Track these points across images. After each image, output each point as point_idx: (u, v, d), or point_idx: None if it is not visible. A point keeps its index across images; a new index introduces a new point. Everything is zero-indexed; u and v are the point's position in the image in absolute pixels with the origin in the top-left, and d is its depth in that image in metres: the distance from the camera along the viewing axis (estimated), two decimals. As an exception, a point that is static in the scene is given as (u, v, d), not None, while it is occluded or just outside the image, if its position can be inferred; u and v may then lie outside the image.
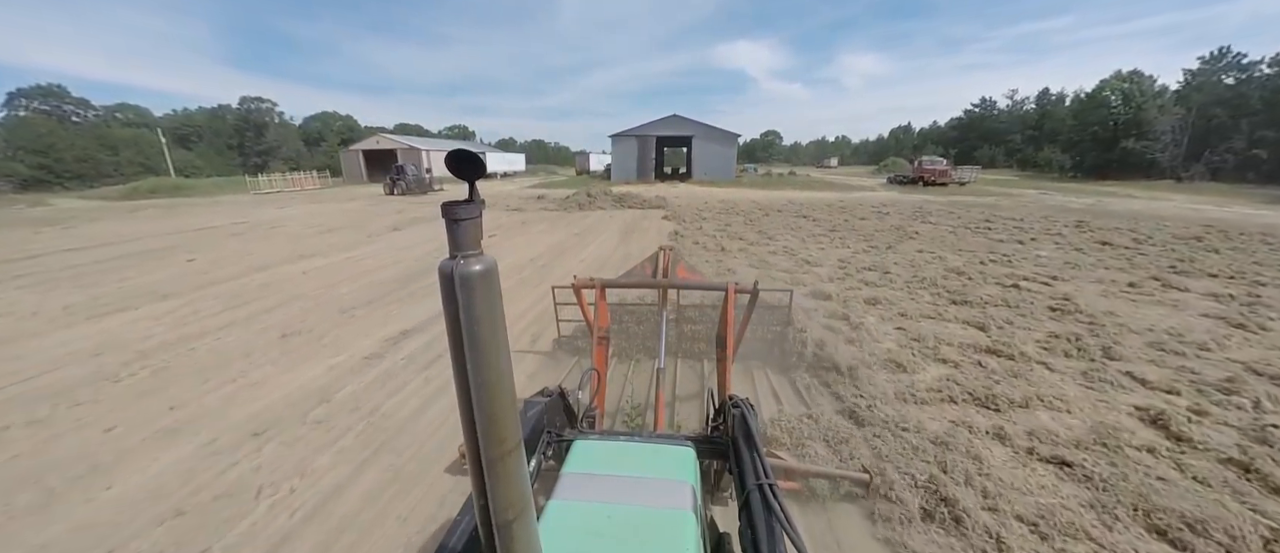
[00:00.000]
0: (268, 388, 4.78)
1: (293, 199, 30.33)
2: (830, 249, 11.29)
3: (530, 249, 11.81)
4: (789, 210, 19.04)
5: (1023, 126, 65.78)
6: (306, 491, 3.31)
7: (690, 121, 40.86)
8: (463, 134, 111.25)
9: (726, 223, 15.74)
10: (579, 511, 1.29)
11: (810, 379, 4.71)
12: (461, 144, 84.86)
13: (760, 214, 17.95)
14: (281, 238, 14.25)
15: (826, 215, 17.53)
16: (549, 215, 18.50)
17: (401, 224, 16.90)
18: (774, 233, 13.61)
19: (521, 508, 0.76)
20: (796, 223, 15.69)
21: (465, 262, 0.65)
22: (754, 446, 1.46)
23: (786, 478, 3.04)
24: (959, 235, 13.22)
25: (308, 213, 21.16)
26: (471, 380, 0.67)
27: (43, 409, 4.41)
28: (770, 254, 10.79)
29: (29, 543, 2.89)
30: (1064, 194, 29.15)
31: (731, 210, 19.35)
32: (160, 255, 11.79)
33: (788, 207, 20.83)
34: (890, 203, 22.97)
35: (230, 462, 3.63)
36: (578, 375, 3.26)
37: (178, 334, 6.29)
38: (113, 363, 5.41)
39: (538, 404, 1.76)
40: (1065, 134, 51.55)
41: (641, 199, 21.68)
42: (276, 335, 6.19)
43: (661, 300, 3.89)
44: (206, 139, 67.42)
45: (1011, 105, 69.26)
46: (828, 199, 25.36)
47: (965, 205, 21.70)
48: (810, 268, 9.27)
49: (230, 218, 19.56)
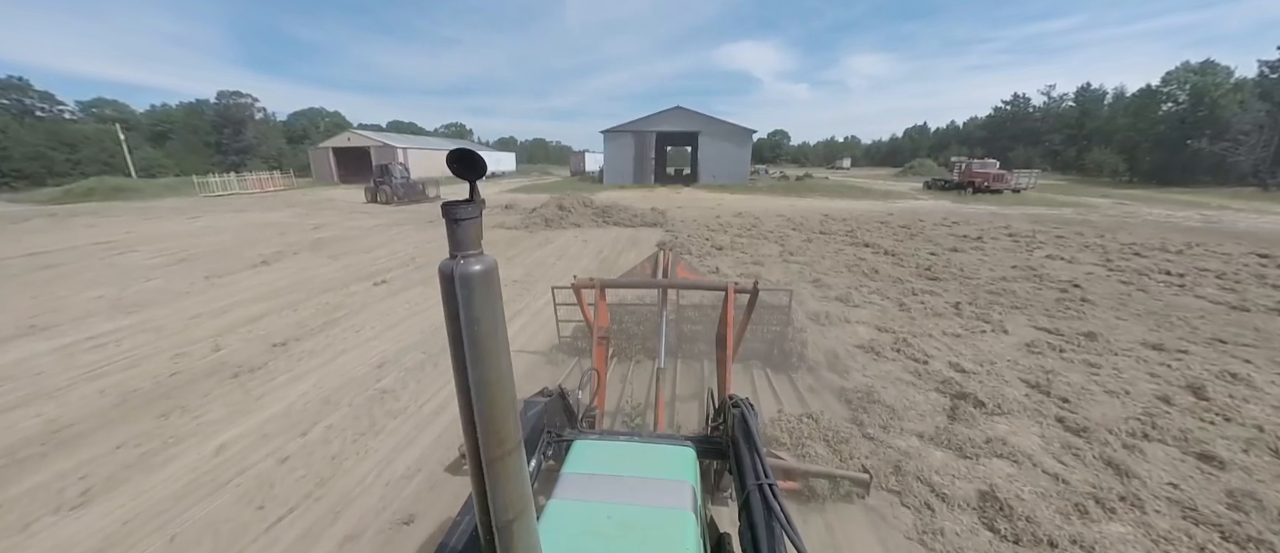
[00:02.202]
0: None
1: (232, 205, 25.71)
2: (978, 339, 5.93)
3: (395, 339, 6.05)
4: (834, 232, 13.99)
5: (1061, 126, 60.01)
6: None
7: (696, 115, 35.25)
8: (459, 133, 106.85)
9: (756, 254, 10.77)
10: (579, 510, 1.29)
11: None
12: (457, 142, 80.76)
13: (798, 238, 12.93)
14: (97, 274, 9.51)
15: (892, 241, 12.48)
16: (501, 237, 13.54)
17: (320, 246, 12.02)
18: (834, 279, 8.63)
19: (521, 508, 0.76)
20: (856, 256, 10.68)
21: (465, 261, 0.64)
22: (754, 445, 1.45)
23: (786, 478, 3.04)
24: (1150, 289, 8.13)
25: (209, 228, 16.43)
26: (471, 380, 0.67)
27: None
28: (879, 364, 5.24)
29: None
30: (1139, 203, 23.98)
31: (755, 231, 14.37)
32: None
33: (829, 224, 15.79)
34: (955, 216, 17.88)
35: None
36: (578, 375, 3.46)
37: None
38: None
39: (538, 404, 1.77)
40: (1119, 134, 45.85)
41: (632, 212, 16.26)
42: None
43: (661, 300, 3.73)
44: (181, 136, 63.24)
45: (1048, 102, 63.42)
46: (871, 211, 20.26)
47: (1053, 221, 16.57)
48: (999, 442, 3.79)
49: (124, 230, 15.90)
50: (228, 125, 65.68)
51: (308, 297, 7.82)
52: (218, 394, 4.65)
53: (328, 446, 3.84)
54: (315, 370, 5.14)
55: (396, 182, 24.06)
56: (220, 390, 4.73)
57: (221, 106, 66.40)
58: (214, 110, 66.41)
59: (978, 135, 77.29)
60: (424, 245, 12.42)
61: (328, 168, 42.36)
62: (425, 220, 17.23)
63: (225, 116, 65.90)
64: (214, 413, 4.32)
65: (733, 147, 35.58)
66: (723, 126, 35.43)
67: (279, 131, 73.01)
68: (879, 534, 2.89)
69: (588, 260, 10.71)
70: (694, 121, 35.29)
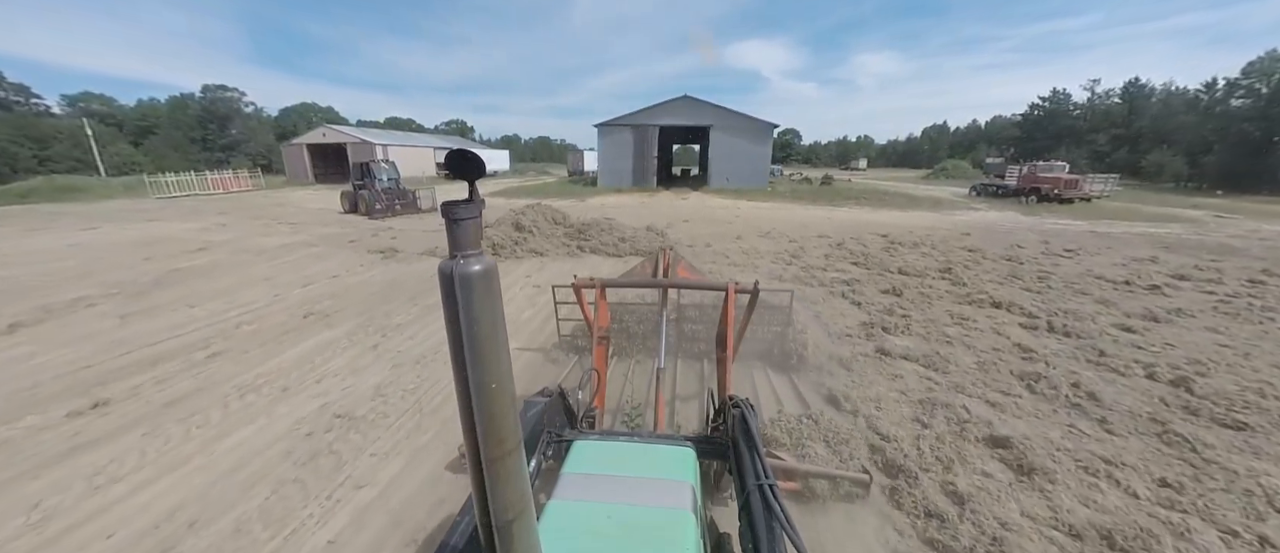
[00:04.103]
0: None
1: (177, 209, 22.00)
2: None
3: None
4: (915, 268, 9.54)
5: (1107, 124, 54.56)
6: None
7: (707, 105, 30.28)
8: (461, 130, 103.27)
9: (830, 329, 6.43)
10: (579, 510, 1.29)
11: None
12: (456, 140, 77.04)
13: (869, 284, 8.57)
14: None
15: (1015, 290, 8.16)
16: (404, 277, 9.39)
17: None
18: (1037, 440, 4.41)
19: (521, 508, 0.76)
20: (993, 331, 6.36)
21: (465, 262, 0.64)
22: (754, 446, 1.45)
23: (786, 478, 2.99)
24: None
25: (80, 246, 12.54)
26: (471, 381, 0.67)
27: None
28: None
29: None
30: (1244, 217, 19.11)
31: (799, 263, 10.11)
32: None
33: (896, 252, 11.44)
34: (1044, 234, 13.46)
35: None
36: (578, 375, 3.30)
37: None
38: None
39: (538, 404, 1.76)
40: (1186, 134, 40.60)
41: (619, 232, 11.33)
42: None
43: (662, 300, 3.62)
44: (164, 132, 60.17)
45: (1092, 99, 57.84)
46: (933, 228, 15.88)
47: (1194, 248, 12.05)
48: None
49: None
50: (213, 120, 62.57)
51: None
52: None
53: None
54: None
55: (381, 186, 18.54)
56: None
57: (206, 101, 63.26)
58: (199, 105, 63.27)
59: (1008, 134, 71.84)
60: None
61: (302, 166, 38.63)
62: (409, 253, 12.85)
63: (210, 111, 62.80)
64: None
65: (749, 143, 30.59)
66: (738, 119, 30.50)
67: (269, 127, 69.87)
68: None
69: (531, 325, 6.55)
70: (704, 113, 30.32)
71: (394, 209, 18.27)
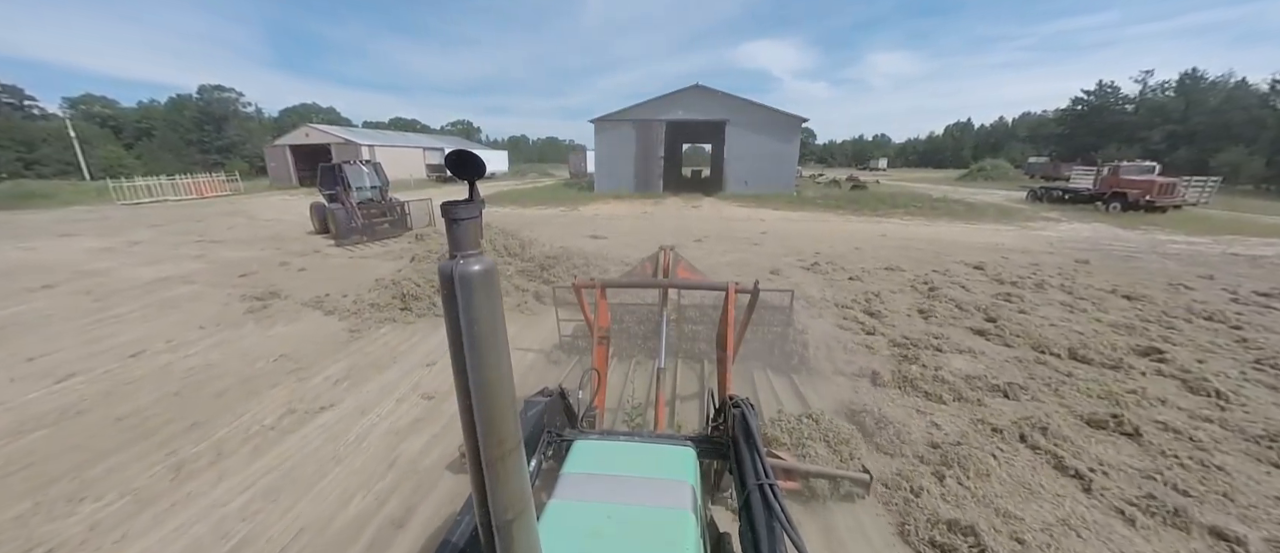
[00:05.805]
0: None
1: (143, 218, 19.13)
2: None
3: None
4: (1099, 349, 5.94)
5: (1163, 120, 49.48)
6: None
7: (722, 96, 26.03)
8: (466, 131, 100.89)
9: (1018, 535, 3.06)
10: (579, 510, 1.28)
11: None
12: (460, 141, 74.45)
13: (1013, 369, 4.96)
14: None
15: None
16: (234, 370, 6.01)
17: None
18: None
19: (521, 508, 0.76)
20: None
21: (465, 262, 0.64)
22: (754, 446, 1.44)
23: (786, 478, 2.98)
24: None
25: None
26: (471, 381, 0.66)
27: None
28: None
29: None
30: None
31: (880, 329, 6.59)
32: None
33: (999, 287, 7.78)
34: (1166, 255, 9.65)
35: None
36: (578, 375, 3.17)
37: None
38: None
39: (538, 404, 1.74)
40: (1268, 132, 35.76)
41: (602, 265, 7.90)
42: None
43: (662, 300, 3.67)
44: (160, 134, 58.41)
45: (1144, 92, 52.74)
46: (1020, 248, 12.15)
47: None
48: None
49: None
50: (210, 122, 60.70)
51: None
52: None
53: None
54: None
55: (357, 196, 13.35)
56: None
57: (203, 102, 61.43)
58: (196, 106, 61.46)
59: (1045, 131, 66.70)
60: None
61: (285, 168, 35.96)
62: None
63: (207, 112, 60.95)
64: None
65: (773, 140, 26.29)
66: (759, 112, 26.24)
67: (268, 128, 67.91)
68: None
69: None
70: (718, 106, 26.07)
71: (374, 230, 13.02)
